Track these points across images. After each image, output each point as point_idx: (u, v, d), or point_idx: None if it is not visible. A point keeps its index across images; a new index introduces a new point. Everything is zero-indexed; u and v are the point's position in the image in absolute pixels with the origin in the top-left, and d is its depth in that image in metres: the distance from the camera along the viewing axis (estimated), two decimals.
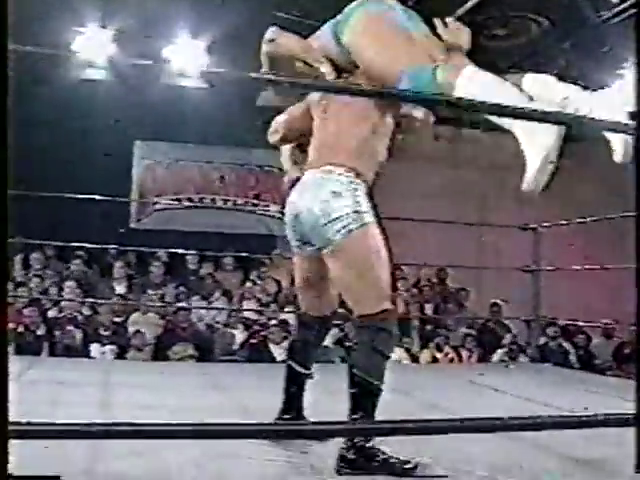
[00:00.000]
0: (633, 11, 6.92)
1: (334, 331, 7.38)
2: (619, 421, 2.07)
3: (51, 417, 1.63)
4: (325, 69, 2.63)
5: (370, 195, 2.68)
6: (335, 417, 2.56)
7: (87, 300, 7.37)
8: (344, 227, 2.53)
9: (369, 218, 2.59)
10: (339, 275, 2.64)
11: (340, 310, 3.09)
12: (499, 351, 7.93)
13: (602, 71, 8.56)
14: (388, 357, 2.55)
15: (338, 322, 2.84)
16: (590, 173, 10.32)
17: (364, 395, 2.49)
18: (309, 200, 2.62)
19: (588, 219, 6.91)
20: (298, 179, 2.83)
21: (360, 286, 2.57)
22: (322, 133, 2.77)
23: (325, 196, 2.57)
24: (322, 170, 2.64)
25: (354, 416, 2.48)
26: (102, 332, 7.09)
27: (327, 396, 3.18)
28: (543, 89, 2.48)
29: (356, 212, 2.55)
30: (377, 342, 2.51)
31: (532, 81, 2.54)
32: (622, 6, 6.86)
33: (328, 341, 7.31)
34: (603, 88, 2.50)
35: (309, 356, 2.97)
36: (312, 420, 2.73)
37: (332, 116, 2.74)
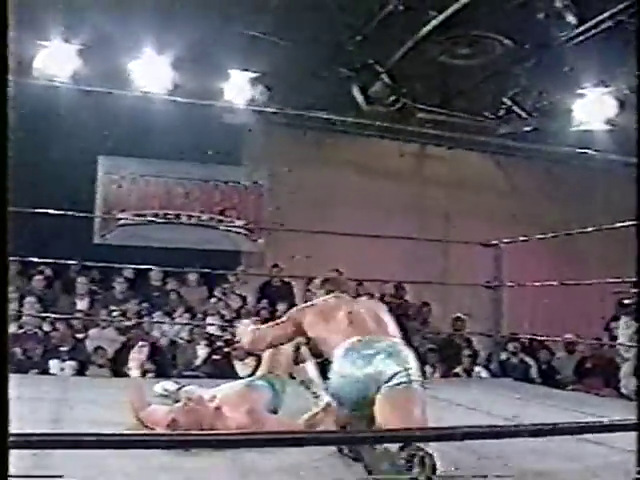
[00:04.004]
0: (593, 32, 7.07)
1: None
2: (620, 427, 2.11)
3: None
4: None
5: None
6: None
7: (46, 315, 7.27)
8: None
9: None
10: None
11: None
12: (460, 366, 7.97)
13: (563, 91, 8.71)
14: None
15: None
16: (557, 193, 10.50)
17: None
18: None
19: (546, 235, 6.99)
20: None
21: None
22: None
23: None
24: None
25: None
26: (62, 348, 6.99)
27: None
28: None
29: None
30: None
31: None
32: (581, 28, 6.98)
33: None
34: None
35: None
36: None
37: None
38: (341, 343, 3.08)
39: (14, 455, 1.48)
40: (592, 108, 8.63)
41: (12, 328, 7.17)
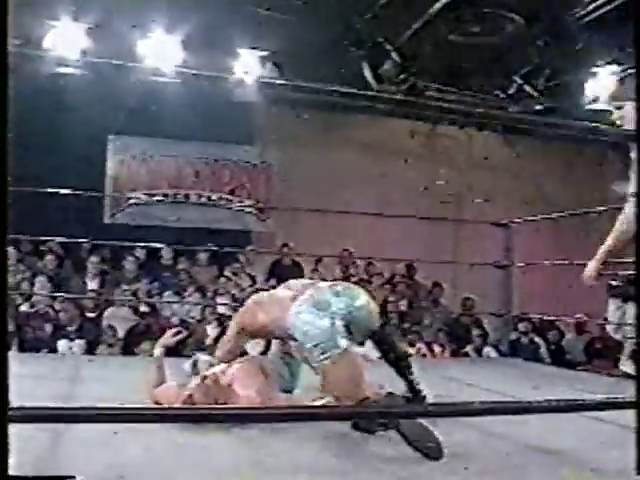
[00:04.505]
0: (606, 9, 6.99)
1: None
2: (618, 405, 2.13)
3: None
4: None
5: None
6: None
7: (57, 295, 7.32)
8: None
9: None
10: None
11: None
12: (470, 346, 7.98)
13: (575, 69, 8.63)
14: None
15: None
16: (570, 173, 10.45)
17: None
18: None
19: (557, 215, 6.96)
20: None
21: None
22: None
23: None
24: None
25: None
26: (70, 328, 7.04)
27: None
28: None
29: None
30: None
31: None
32: (594, 4, 6.90)
33: None
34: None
35: None
36: None
37: None
38: (288, 310, 3.17)
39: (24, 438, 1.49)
40: (605, 87, 8.54)
41: (23, 307, 7.23)
